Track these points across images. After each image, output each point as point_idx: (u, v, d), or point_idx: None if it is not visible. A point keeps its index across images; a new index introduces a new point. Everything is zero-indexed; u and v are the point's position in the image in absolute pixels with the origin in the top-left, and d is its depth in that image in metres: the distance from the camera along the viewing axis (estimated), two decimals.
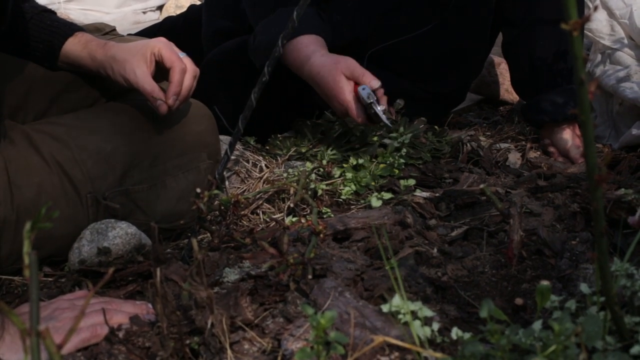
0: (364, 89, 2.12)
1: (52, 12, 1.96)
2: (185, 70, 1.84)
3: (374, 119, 2.15)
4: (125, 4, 5.34)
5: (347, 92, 2.15)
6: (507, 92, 3.15)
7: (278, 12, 2.32)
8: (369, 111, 2.13)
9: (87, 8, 5.22)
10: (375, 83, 2.13)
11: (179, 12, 5.11)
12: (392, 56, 2.53)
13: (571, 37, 0.94)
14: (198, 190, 1.56)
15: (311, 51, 2.24)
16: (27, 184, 1.69)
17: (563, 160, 2.48)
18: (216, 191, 1.60)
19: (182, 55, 1.87)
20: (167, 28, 3.06)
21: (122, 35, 2.17)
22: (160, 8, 5.48)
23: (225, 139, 2.16)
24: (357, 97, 2.15)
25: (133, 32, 4.62)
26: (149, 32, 3.07)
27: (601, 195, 0.99)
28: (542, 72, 2.52)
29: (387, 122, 2.13)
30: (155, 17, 5.38)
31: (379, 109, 2.11)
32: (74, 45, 1.90)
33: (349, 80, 2.17)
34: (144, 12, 5.38)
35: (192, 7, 3.14)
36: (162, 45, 1.86)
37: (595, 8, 2.70)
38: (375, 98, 2.12)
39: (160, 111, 1.82)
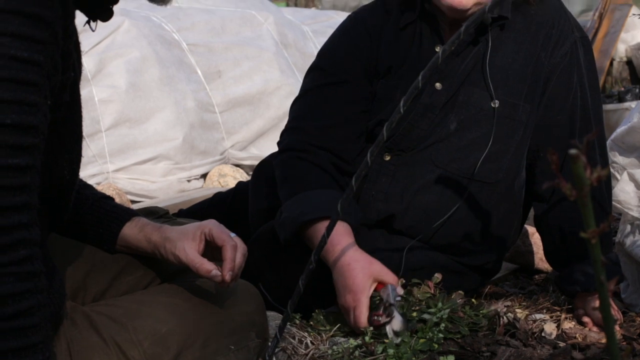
0: (394, 289, 2.28)
1: (111, 199, 2.10)
2: (236, 247, 1.94)
3: (377, 324, 2.25)
4: (171, 173, 5.49)
5: (367, 294, 2.32)
6: (542, 261, 3.21)
7: (304, 194, 2.50)
8: (384, 312, 2.25)
9: (134, 177, 5.38)
10: (400, 290, 2.31)
11: (222, 180, 5.30)
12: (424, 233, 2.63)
13: (590, 244, 1.03)
14: None
15: (345, 241, 2.39)
16: None
17: (597, 330, 2.51)
18: None
19: (232, 235, 1.97)
20: (217, 203, 3.18)
21: (175, 219, 2.31)
22: (204, 176, 5.65)
23: (271, 316, 2.24)
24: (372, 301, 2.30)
25: (178, 200, 4.79)
26: (200, 207, 3.20)
27: None
28: (573, 244, 2.60)
29: (395, 331, 2.23)
30: (199, 185, 5.53)
31: (398, 314, 2.24)
32: (131, 230, 2.03)
33: (372, 283, 2.34)
34: (189, 181, 5.54)
35: (240, 184, 3.26)
36: (212, 226, 1.97)
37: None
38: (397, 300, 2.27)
39: (218, 282, 1.90)
